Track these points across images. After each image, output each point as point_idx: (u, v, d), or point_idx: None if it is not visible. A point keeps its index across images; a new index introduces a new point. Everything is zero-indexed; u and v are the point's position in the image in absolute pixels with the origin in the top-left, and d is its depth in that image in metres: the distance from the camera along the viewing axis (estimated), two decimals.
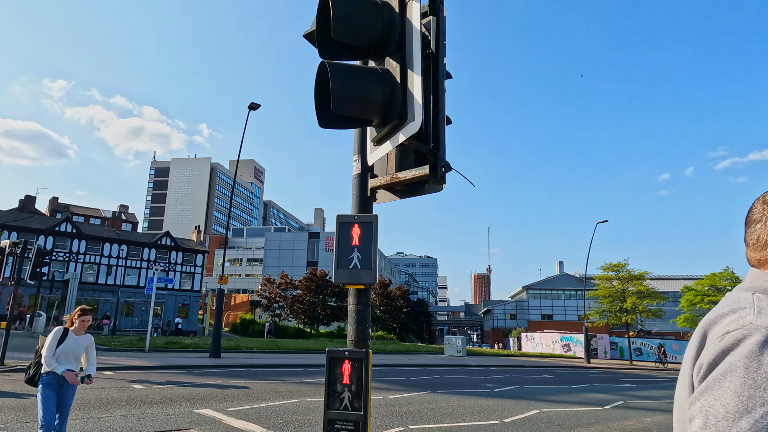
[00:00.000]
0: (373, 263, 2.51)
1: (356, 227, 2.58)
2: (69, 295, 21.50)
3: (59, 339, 5.16)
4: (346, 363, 2.38)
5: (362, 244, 2.55)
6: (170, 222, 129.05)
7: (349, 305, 2.60)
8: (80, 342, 5.34)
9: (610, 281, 41.67)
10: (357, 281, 2.49)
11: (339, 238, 2.57)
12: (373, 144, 2.50)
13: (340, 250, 2.56)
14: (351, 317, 2.57)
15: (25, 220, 47.60)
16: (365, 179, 2.76)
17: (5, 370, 12.99)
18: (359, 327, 2.52)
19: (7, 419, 7.62)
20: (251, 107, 20.69)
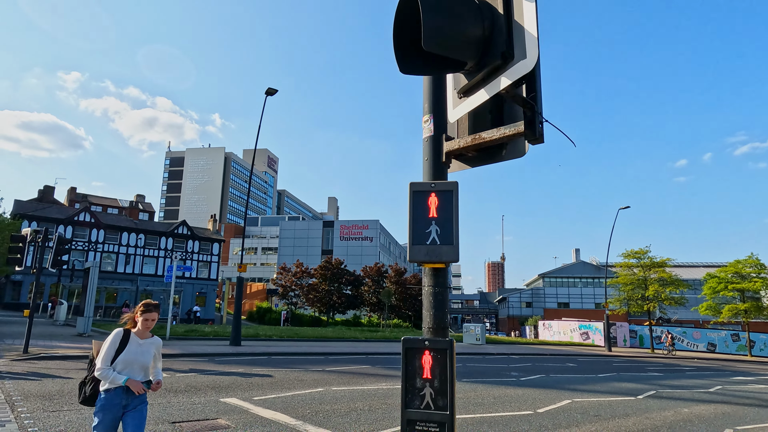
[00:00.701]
0: (454, 238, 2.15)
1: (433, 197, 2.22)
2: (90, 284, 21.57)
3: (119, 345, 3.92)
4: (426, 354, 2.05)
5: (441, 215, 2.19)
6: (185, 211, 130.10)
7: (425, 287, 2.25)
8: (146, 348, 4.04)
9: (631, 268, 40.90)
10: (436, 259, 2.14)
11: (414, 209, 2.21)
12: (458, 96, 2.13)
13: (416, 223, 2.20)
14: (427, 301, 2.23)
15: (45, 210, 48.11)
16: (439, 142, 2.39)
17: (30, 358, 12.97)
18: (437, 312, 2.18)
19: (33, 408, 7.48)
20: (268, 92, 20.35)
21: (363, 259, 78.07)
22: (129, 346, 3.94)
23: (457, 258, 2.12)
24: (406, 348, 2.08)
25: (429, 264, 2.18)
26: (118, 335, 3.95)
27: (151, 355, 4.05)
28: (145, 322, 4.03)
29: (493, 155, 2.51)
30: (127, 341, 3.96)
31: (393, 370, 15.23)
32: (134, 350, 3.94)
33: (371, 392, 10.65)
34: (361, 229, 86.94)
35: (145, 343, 4.05)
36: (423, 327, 2.22)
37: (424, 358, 2.04)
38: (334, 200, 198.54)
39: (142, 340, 4.04)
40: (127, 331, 4.02)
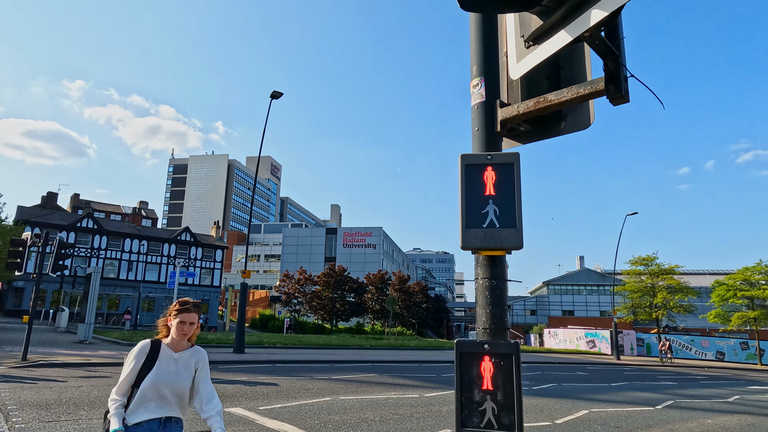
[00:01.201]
0: (517, 219, 1.80)
1: (489, 171, 1.87)
2: (91, 290, 21.23)
3: (145, 361, 2.76)
4: (485, 360, 1.68)
5: (500, 193, 1.84)
6: (188, 218, 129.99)
7: (478, 280, 1.90)
8: (183, 364, 2.84)
9: (639, 276, 40.37)
10: (495, 245, 1.79)
11: (466, 186, 1.86)
12: (526, 44, 1.78)
13: (469, 202, 1.85)
14: (482, 296, 1.87)
15: (48, 216, 47.91)
16: (492, 109, 2.05)
17: (28, 365, 12.61)
18: (496, 310, 1.82)
19: (28, 417, 7.10)
20: (273, 96, 20.09)
21: (366, 266, 77.61)
22: (159, 362, 2.75)
23: (521, 244, 1.77)
24: (460, 353, 1.71)
25: (486, 251, 1.83)
26: (144, 348, 2.78)
27: (189, 374, 2.79)
28: (180, 326, 2.79)
29: (550, 128, 2.16)
30: (156, 356, 2.77)
31: (401, 379, 14.81)
32: (166, 368, 2.75)
33: (381, 402, 10.24)
34: (364, 237, 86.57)
35: (182, 358, 2.80)
36: (477, 328, 1.86)
37: (484, 366, 1.67)
38: (337, 207, 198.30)
39: (178, 354, 2.80)
40: (157, 342, 2.83)
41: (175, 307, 2.91)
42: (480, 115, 2.06)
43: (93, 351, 17.33)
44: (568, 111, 2.11)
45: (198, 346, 2.99)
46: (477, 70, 2.08)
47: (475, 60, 2.10)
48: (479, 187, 1.86)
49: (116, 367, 13.73)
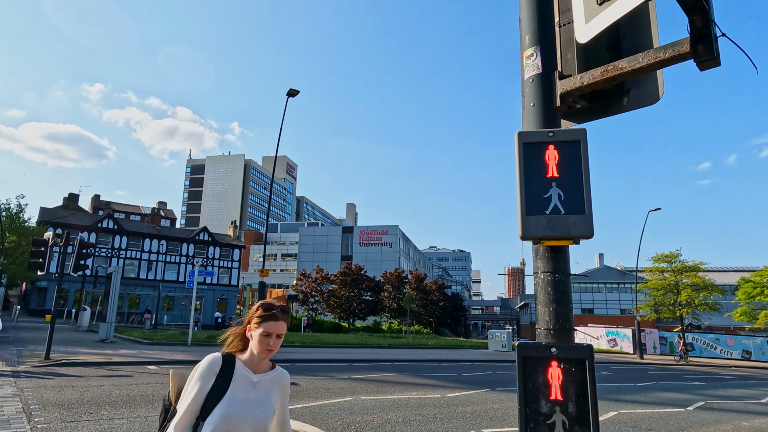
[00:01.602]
0: (586, 204, 1.58)
1: (551, 150, 1.66)
2: (112, 290, 21.41)
3: (214, 384, 2.02)
4: (553, 366, 1.47)
5: (564, 175, 1.63)
6: (206, 218, 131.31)
7: (539, 274, 1.68)
8: (263, 389, 2.10)
9: (662, 273, 39.48)
10: (561, 233, 1.57)
11: (525, 167, 1.65)
12: (598, 2, 1.55)
13: (529, 186, 1.64)
14: (544, 293, 1.65)
15: (69, 217, 48.68)
16: (550, 82, 1.83)
17: (51, 364, 12.68)
18: (560, 308, 1.60)
19: (50, 417, 7.06)
20: (290, 94, 20.00)
21: (383, 264, 77.49)
22: (234, 387, 2.01)
23: (590, 232, 1.54)
24: (523, 357, 1.50)
25: (550, 241, 1.61)
26: (214, 366, 2.03)
27: (271, 404, 2.08)
28: (264, 340, 2.04)
29: (610, 105, 1.94)
30: (229, 378, 2.03)
31: (421, 378, 14.59)
32: (243, 396, 2.00)
33: (403, 402, 10.04)
34: (381, 235, 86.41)
35: (263, 382, 2.08)
36: (538, 329, 1.64)
37: (551, 372, 1.46)
38: (353, 206, 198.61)
39: (258, 376, 2.08)
40: (230, 359, 2.08)
41: (257, 313, 2.10)
42: (535, 89, 1.84)
43: (114, 350, 17.44)
44: (632, 84, 1.88)
45: (280, 367, 2.19)
46: (530, 40, 1.86)
47: (527, 28, 1.88)
48: (540, 169, 1.64)
49: (137, 366, 13.76)
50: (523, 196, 1.63)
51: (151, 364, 14.13)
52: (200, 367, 2.02)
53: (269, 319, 2.08)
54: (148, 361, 14.57)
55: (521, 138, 1.69)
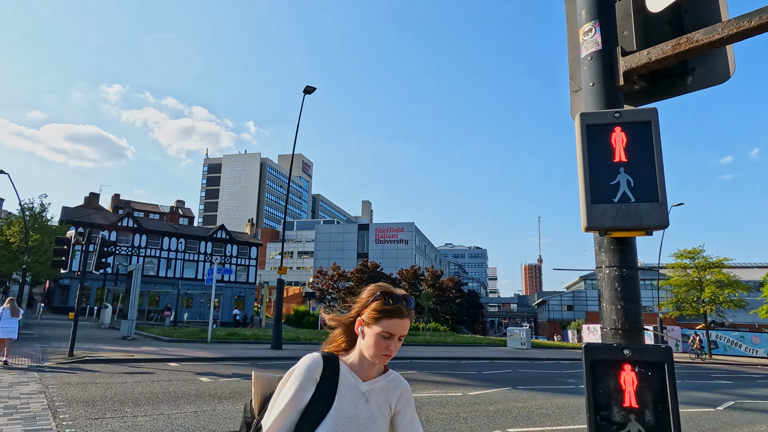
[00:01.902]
0: (660, 191, 1.44)
1: (618, 132, 1.51)
2: (133, 288, 21.65)
3: (314, 395, 1.52)
4: (626, 370, 1.33)
5: (633, 159, 1.48)
6: (223, 217, 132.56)
7: (603, 268, 1.54)
8: (376, 402, 1.60)
9: (685, 269, 38.66)
10: (633, 223, 1.43)
11: (588, 152, 1.51)
12: None
13: (593, 172, 1.50)
14: (610, 289, 1.51)
15: (90, 216, 49.48)
16: (612, 58, 1.68)
17: (74, 361, 12.84)
18: (629, 306, 1.46)
19: (75, 414, 7.10)
20: (306, 91, 19.95)
21: (399, 262, 77.39)
22: (340, 399, 1.54)
23: (665, 221, 1.40)
24: (592, 360, 1.36)
25: (620, 231, 1.47)
26: (313, 369, 1.56)
27: (386, 419, 1.61)
28: (382, 342, 1.56)
29: (673, 85, 1.78)
30: (334, 388, 1.55)
31: (441, 376, 14.45)
32: (352, 411, 1.54)
33: (424, 400, 9.92)
34: (396, 232, 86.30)
35: (375, 391, 1.61)
36: (603, 328, 1.51)
37: (624, 377, 1.32)
38: (368, 204, 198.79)
39: (368, 384, 1.61)
40: (334, 361, 1.61)
41: (376, 305, 1.56)
42: (595, 67, 1.69)
43: (136, 347, 17.62)
44: (697, 62, 1.73)
45: (394, 372, 1.67)
46: (588, 14, 1.71)
47: (584, 2, 1.73)
48: (606, 153, 1.50)
49: (158, 363, 13.86)
50: (588, 184, 1.48)
51: (172, 361, 14.23)
52: (298, 371, 1.53)
53: (393, 316, 1.53)
54: (169, 358, 14.68)
55: (584, 120, 1.54)
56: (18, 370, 11.03)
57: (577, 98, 2.00)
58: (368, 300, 1.60)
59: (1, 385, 9.09)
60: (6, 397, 8.11)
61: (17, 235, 31.53)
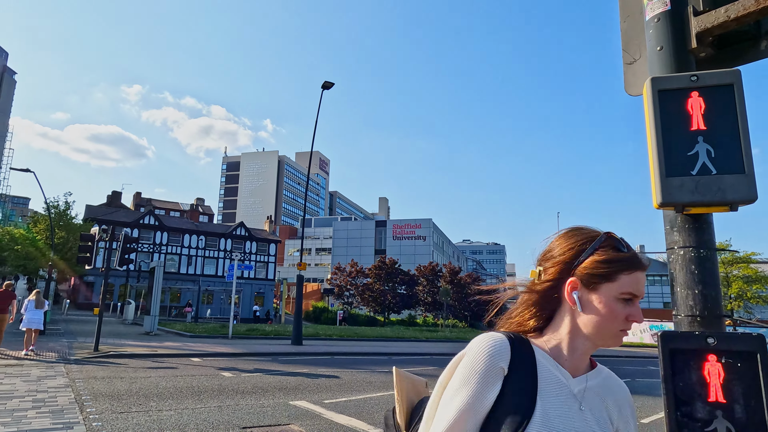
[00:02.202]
0: (746, 161, 1.30)
1: (695, 98, 1.37)
2: (155, 284, 21.90)
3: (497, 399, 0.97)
4: (710, 361, 1.20)
5: (714, 127, 1.34)
6: (242, 214, 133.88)
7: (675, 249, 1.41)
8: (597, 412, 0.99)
9: None
10: (716, 198, 1.29)
11: (662, 119, 1.37)
12: None
13: (667, 141, 1.36)
14: (685, 273, 1.37)
15: (113, 213, 50.36)
16: (682, 19, 1.53)
17: (100, 356, 13.01)
18: (709, 291, 1.32)
19: (101, 408, 7.14)
20: (325, 86, 19.89)
21: (416, 258, 77.22)
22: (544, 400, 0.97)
23: (754, 194, 1.26)
24: (670, 350, 1.22)
25: (699, 207, 1.33)
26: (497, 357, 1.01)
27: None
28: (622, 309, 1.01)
29: (744, 51, 1.63)
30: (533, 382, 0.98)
31: None
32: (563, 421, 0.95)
33: None
34: (414, 228, 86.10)
35: (590, 394, 1.03)
36: (677, 315, 1.37)
37: (709, 368, 1.18)
38: (385, 200, 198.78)
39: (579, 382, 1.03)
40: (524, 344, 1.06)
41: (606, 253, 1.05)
42: (663, 29, 1.55)
43: (159, 342, 17.83)
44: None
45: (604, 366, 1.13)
46: None
47: None
48: (681, 120, 1.36)
49: (181, 358, 13.98)
50: (661, 155, 1.34)
51: (194, 357, 14.34)
52: (468, 360, 1.03)
53: (634, 267, 1.02)
54: (191, 354, 14.81)
55: (655, 84, 1.40)
56: (45, 364, 11.21)
57: (631, 71, 1.86)
58: (582, 249, 1.05)
59: (29, 379, 9.23)
60: (35, 390, 8.22)
61: (43, 232, 32.23)
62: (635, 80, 1.84)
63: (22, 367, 10.62)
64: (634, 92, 1.83)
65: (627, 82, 1.86)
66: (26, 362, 11.43)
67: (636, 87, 1.84)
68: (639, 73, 1.84)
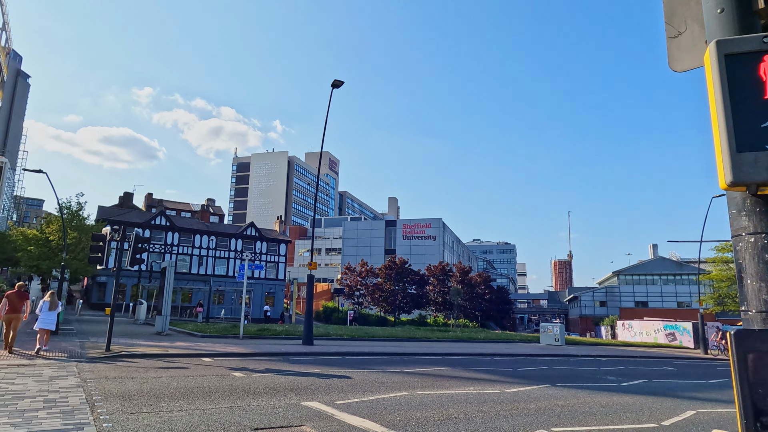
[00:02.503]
0: None
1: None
2: (166, 284, 21.94)
3: None
4: None
5: None
6: (252, 214, 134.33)
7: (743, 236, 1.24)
8: None
9: (727, 263, 37.10)
10: None
11: (730, 87, 1.20)
12: None
13: (737, 112, 1.19)
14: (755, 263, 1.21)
15: (125, 214, 50.71)
16: None
17: (111, 356, 13.00)
18: None
19: (112, 409, 7.07)
20: (334, 85, 19.79)
21: (426, 258, 76.93)
22: None
23: None
24: (745, 351, 1.06)
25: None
26: None
27: None
28: None
29: None
30: None
31: (476, 373, 14.10)
32: None
33: (461, 397, 9.61)
34: (424, 228, 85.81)
35: None
36: (747, 312, 1.20)
37: None
38: (395, 200, 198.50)
39: None
40: None
41: None
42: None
43: (170, 342, 17.83)
44: None
45: None
46: None
47: None
48: (753, 88, 1.19)
49: (193, 358, 13.94)
50: (730, 127, 1.17)
51: (205, 357, 14.30)
52: None
53: None
54: (202, 354, 14.77)
55: (721, 48, 1.23)
56: (57, 364, 11.20)
57: (675, 44, 1.69)
58: None
59: (41, 379, 9.20)
60: (46, 390, 8.18)
61: (56, 233, 32.47)
62: (680, 54, 1.67)
63: (34, 367, 10.61)
64: (680, 67, 1.66)
65: (671, 57, 1.70)
66: (39, 362, 11.44)
67: (682, 61, 1.67)
68: (685, 47, 1.67)
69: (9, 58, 57.93)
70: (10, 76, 69.08)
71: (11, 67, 69.21)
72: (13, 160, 72.15)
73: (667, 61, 1.73)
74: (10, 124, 74.35)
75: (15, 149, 74.22)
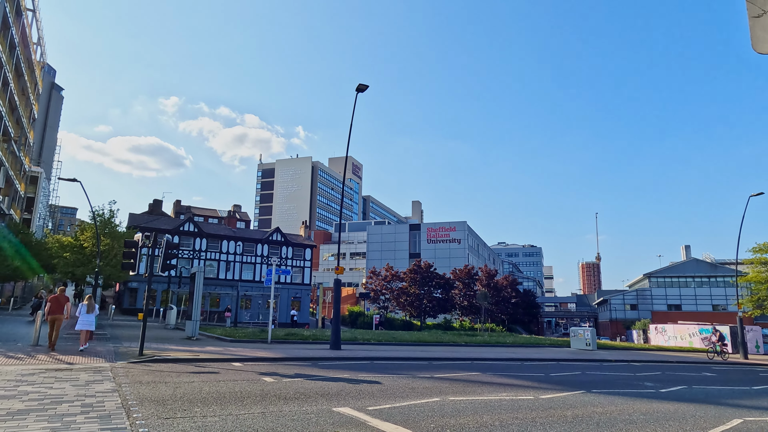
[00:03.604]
0: None
1: None
2: (196, 290, 22.26)
3: None
4: None
5: None
6: (278, 220, 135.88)
7: None
8: None
9: (765, 264, 35.75)
10: None
11: None
12: None
13: None
14: None
15: (154, 221, 51.82)
16: None
17: (144, 360, 13.20)
18: None
19: (147, 414, 7.13)
20: (359, 89, 19.82)
21: (451, 261, 76.44)
22: None
23: None
24: None
25: None
26: None
27: None
28: None
29: None
30: None
31: (507, 378, 13.84)
32: None
33: (494, 404, 9.41)
34: (449, 231, 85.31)
35: None
36: None
37: None
38: (418, 204, 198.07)
39: None
40: None
41: None
42: None
43: (201, 347, 18.04)
44: None
45: None
46: None
47: None
48: None
49: (223, 363, 14.06)
50: None
51: (235, 361, 14.39)
52: None
53: None
54: (232, 358, 14.87)
55: None
56: (93, 368, 11.41)
57: (759, 24, 1.56)
58: None
59: (78, 384, 9.37)
60: (83, 395, 8.31)
61: (89, 240, 33.34)
62: (765, 35, 1.53)
63: (71, 372, 10.83)
64: (766, 49, 1.53)
65: (755, 38, 1.57)
66: (76, 366, 11.68)
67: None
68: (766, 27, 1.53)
69: (44, 72, 59.98)
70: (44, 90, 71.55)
71: (46, 81, 71.68)
72: (48, 170, 74.62)
73: (750, 43, 1.60)
74: (45, 135, 76.99)
75: (50, 160, 76.75)
